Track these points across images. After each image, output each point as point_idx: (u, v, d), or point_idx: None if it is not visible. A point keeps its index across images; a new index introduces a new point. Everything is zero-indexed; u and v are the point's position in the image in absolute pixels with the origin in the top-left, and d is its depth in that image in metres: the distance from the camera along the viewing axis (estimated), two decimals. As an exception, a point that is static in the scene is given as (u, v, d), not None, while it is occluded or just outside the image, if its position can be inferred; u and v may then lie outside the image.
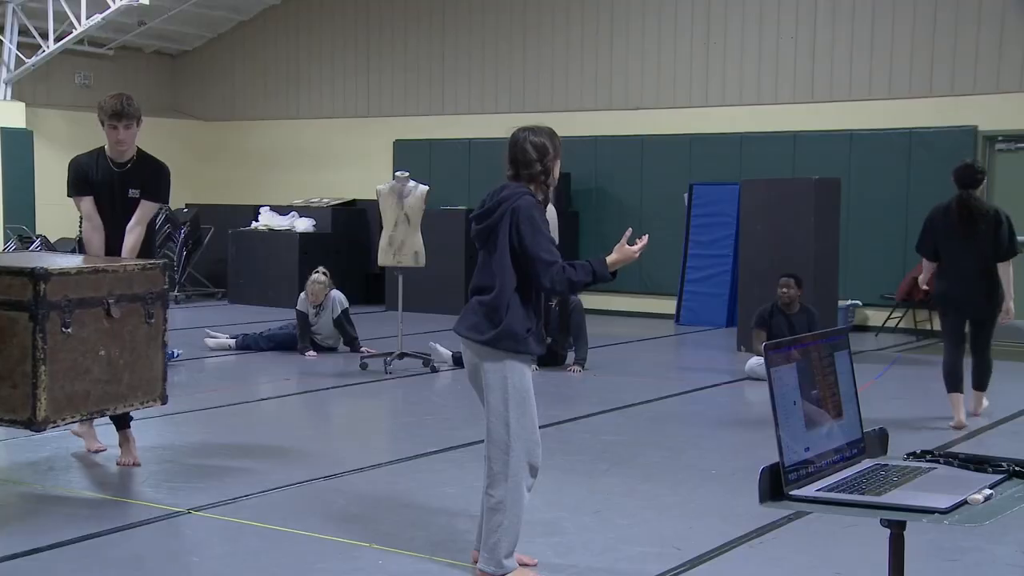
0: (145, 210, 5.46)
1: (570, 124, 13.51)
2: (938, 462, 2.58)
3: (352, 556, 4.20)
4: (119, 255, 5.41)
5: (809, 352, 2.50)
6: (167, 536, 4.51)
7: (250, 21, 16.90)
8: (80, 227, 5.64)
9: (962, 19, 11.90)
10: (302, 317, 9.74)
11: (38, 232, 14.17)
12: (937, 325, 11.53)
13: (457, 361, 8.51)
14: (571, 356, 9.13)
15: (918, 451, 2.65)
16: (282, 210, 14.53)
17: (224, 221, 14.73)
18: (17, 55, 14.71)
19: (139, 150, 5.51)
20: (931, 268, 7.01)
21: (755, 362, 8.57)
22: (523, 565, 3.97)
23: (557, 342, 9.04)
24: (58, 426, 4.72)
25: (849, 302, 11.90)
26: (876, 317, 12.10)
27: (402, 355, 8.92)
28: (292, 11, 16.50)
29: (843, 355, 2.62)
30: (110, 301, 4.76)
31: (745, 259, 10.67)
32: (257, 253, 14.09)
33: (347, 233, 14.49)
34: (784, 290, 8.78)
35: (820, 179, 10.52)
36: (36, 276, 4.48)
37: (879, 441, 2.71)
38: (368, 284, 14.21)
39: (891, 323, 11.92)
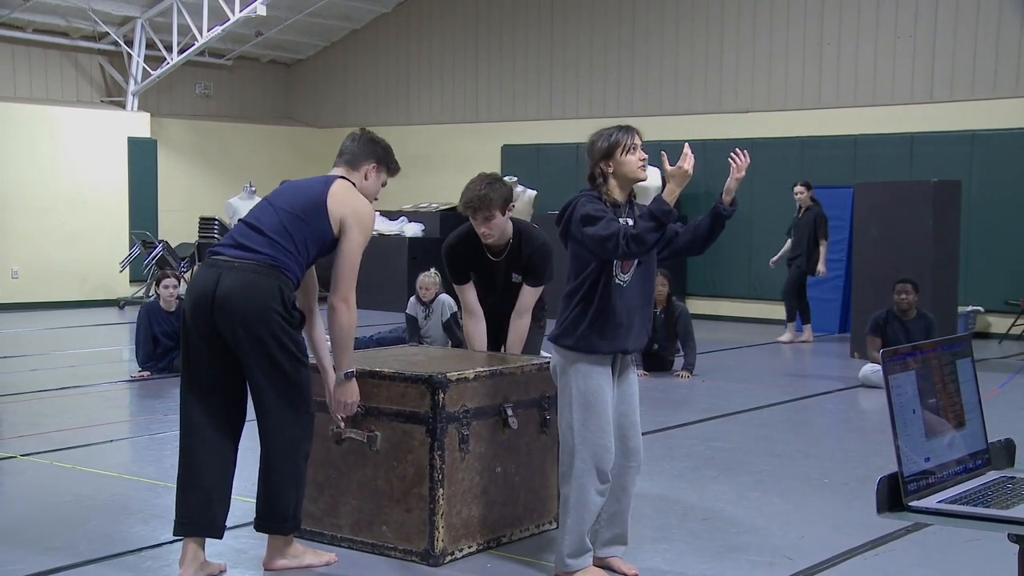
0: (529, 297, 4.96)
1: (679, 128, 13.41)
2: (1069, 476, 2.48)
3: (462, 562, 4.23)
4: (497, 346, 4.97)
5: (929, 360, 2.42)
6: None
7: (362, 30, 17.24)
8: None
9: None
10: (412, 321, 9.87)
11: (160, 237, 14.72)
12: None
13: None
14: (679, 361, 9.04)
15: (1047, 464, 2.55)
16: (392, 215, 14.77)
17: (335, 226, 15.05)
18: (144, 67, 15.32)
19: (516, 228, 4.94)
20: None
21: (869, 369, 8.35)
22: (606, 568, 3.96)
23: (664, 348, 8.96)
24: (456, 559, 4.14)
25: (970, 308, 11.50)
26: (999, 324, 11.66)
27: (509, 359, 8.95)
28: (403, 19, 16.78)
29: (965, 363, 2.53)
30: (507, 409, 4.26)
31: (859, 264, 10.42)
32: (367, 257, 14.05)
33: (455, 238, 14.64)
34: (902, 296, 8.55)
35: (939, 181, 10.21)
36: (434, 384, 4.01)
37: (1005, 452, 2.61)
38: (475, 288, 14.32)
39: (1015, 330, 11.47)
